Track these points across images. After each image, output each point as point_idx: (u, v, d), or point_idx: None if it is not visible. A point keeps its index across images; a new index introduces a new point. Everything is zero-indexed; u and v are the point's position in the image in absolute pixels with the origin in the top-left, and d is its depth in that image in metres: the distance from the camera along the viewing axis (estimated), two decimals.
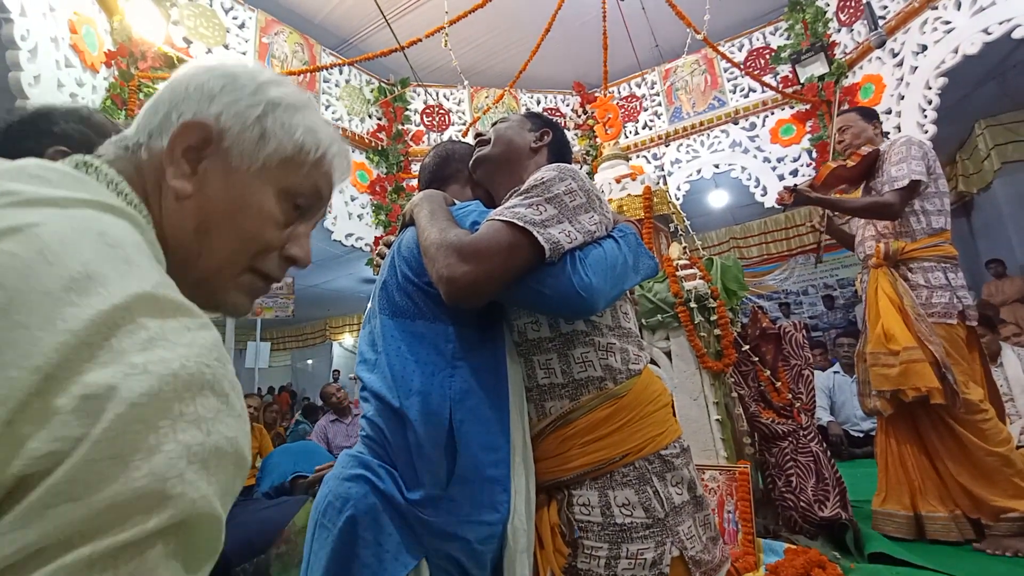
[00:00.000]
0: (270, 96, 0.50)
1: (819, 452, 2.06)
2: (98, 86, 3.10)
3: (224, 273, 0.49)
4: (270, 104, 0.50)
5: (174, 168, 0.46)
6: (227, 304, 0.51)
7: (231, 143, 0.48)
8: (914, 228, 2.12)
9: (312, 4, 4.49)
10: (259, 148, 0.49)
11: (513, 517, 0.79)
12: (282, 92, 0.52)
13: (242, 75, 0.51)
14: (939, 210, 2.11)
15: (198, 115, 0.47)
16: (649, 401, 0.87)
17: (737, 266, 2.17)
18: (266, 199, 0.49)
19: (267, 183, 0.49)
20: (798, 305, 7.99)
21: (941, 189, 2.14)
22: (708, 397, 1.97)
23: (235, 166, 0.48)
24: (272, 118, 0.50)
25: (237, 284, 0.50)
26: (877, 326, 2.11)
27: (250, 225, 0.48)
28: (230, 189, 0.48)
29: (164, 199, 0.46)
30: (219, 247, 0.47)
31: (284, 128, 0.50)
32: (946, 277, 2.07)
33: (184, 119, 0.47)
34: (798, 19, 4.57)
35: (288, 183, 0.51)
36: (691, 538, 0.81)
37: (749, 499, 1.74)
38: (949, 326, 2.02)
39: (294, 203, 0.52)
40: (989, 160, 5.34)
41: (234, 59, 0.54)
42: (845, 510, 1.96)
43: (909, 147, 2.12)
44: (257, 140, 0.49)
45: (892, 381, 2.01)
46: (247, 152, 0.48)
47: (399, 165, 5.00)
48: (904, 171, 2.07)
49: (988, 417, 1.95)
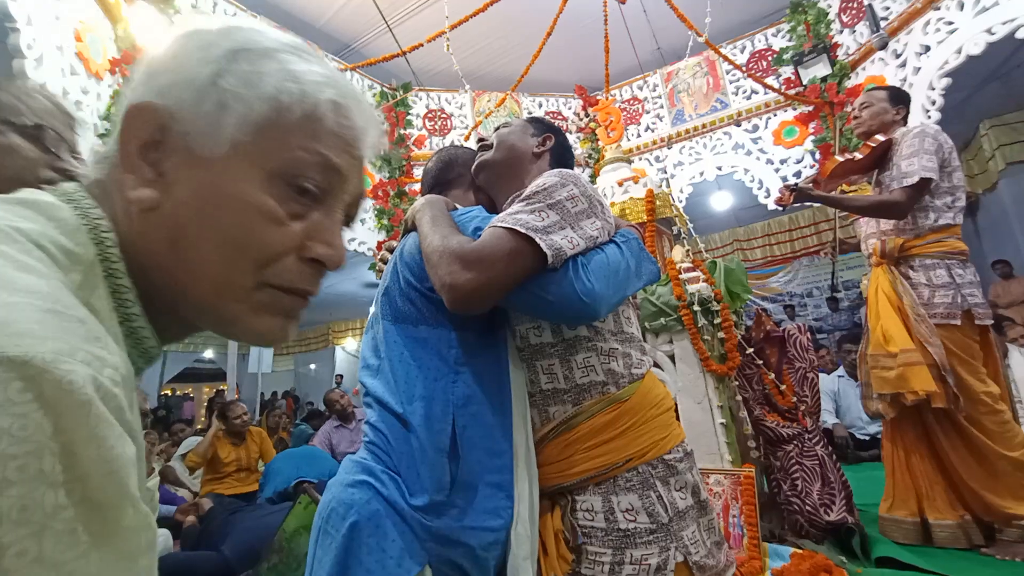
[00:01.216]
0: (225, 46, 0.37)
1: (824, 455, 2.04)
2: (103, 93, 3.13)
3: (226, 294, 0.37)
4: (226, 56, 0.37)
5: (133, 175, 0.36)
6: (251, 331, 0.39)
7: (187, 124, 0.36)
8: (919, 224, 2.00)
9: (314, 9, 4.52)
10: (220, 120, 0.36)
11: (517, 523, 0.79)
12: (244, 37, 0.39)
13: (202, 31, 0.39)
14: (949, 206, 1.98)
15: (143, 96, 0.36)
16: (652, 405, 0.87)
17: (741, 268, 2.16)
18: (249, 189, 0.37)
19: (248, 166, 0.37)
20: (803, 307, 7.97)
21: (955, 183, 1.99)
22: (712, 400, 1.96)
23: (199, 154, 0.36)
24: (230, 75, 0.37)
25: (254, 305, 0.38)
26: (877, 327, 2.05)
27: (235, 228, 0.36)
28: (200, 186, 0.36)
29: (127, 218, 0.37)
30: (204, 263, 0.37)
31: (248, 83, 0.37)
32: (950, 274, 1.95)
33: (127, 103, 0.36)
34: (800, 21, 4.56)
35: (277, 160, 0.37)
36: (695, 543, 0.81)
37: (754, 503, 1.73)
38: (952, 327, 1.92)
39: (297, 186, 0.38)
40: (994, 160, 5.32)
41: None
42: (851, 514, 1.95)
43: (923, 139, 1.97)
44: (216, 110, 0.36)
45: (891, 384, 1.95)
46: (207, 130, 0.36)
47: (401, 169, 5.02)
48: (915, 166, 1.93)
49: (1005, 419, 1.87)
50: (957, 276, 1.95)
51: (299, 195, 0.39)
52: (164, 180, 0.37)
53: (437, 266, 0.79)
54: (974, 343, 1.95)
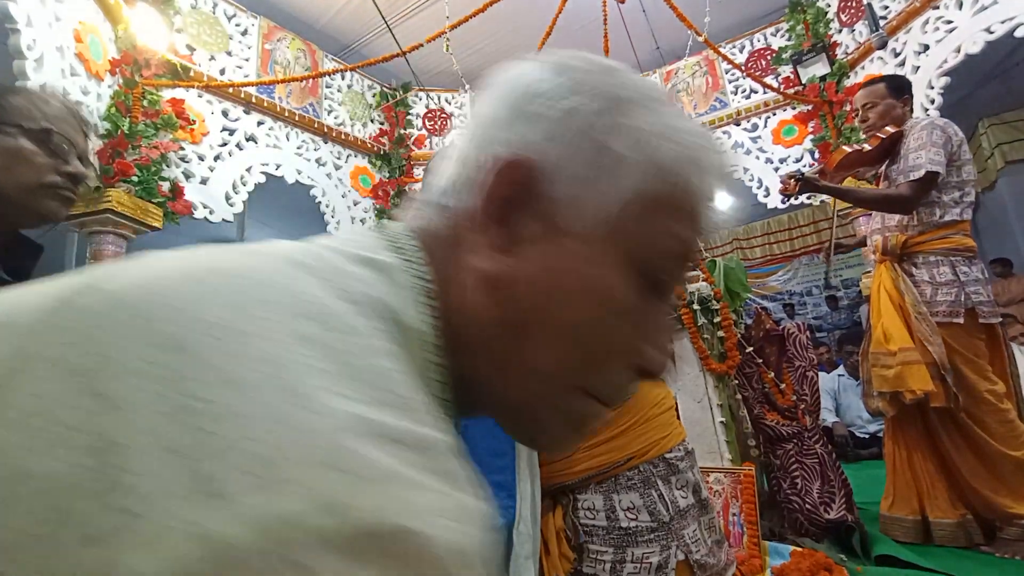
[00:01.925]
0: (611, 93, 0.30)
1: (824, 454, 2.05)
2: (103, 94, 3.13)
3: (545, 396, 0.31)
4: (613, 106, 0.30)
5: (486, 239, 0.30)
6: (548, 441, 0.33)
7: (559, 187, 0.29)
8: (925, 220, 1.94)
9: (314, 10, 4.52)
10: (598, 188, 0.29)
11: (519, 523, 0.79)
12: (629, 82, 0.31)
13: (576, 66, 0.32)
14: (957, 201, 1.91)
15: (510, 143, 0.30)
16: (653, 404, 0.87)
17: (740, 267, 2.17)
18: (612, 276, 0.29)
19: (612, 247, 0.29)
20: (802, 306, 7.97)
21: (964, 178, 1.92)
22: (712, 399, 1.97)
23: (563, 226, 0.29)
24: (620, 133, 0.29)
25: (563, 411, 0.31)
26: (878, 325, 2.03)
27: (587, 323, 0.30)
28: (556, 265, 0.29)
29: (459, 286, 0.30)
30: (537, 355, 0.30)
31: (639, 147, 0.29)
32: (954, 272, 1.89)
33: (497, 154, 0.29)
34: (799, 20, 4.57)
35: (638, 243, 0.30)
36: (696, 541, 0.81)
37: (754, 501, 1.73)
38: (955, 326, 1.87)
39: (655, 278, 0.31)
40: (993, 159, 5.32)
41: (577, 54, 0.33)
42: (851, 512, 1.95)
43: (931, 132, 1.90)
44: (596, 176, 0.29)
45: (890, 383, 1.94)
46: (581, 198, 0.29)
47: (401, 169, 5.02)
48: (921, 160, 1.86)
49: (1010, 418, 1.85)
50: (962, 273, 1.89)
51: (650, 288, 0.31)
52: (517, 251, 0.29)
53: None
54: (979, 341, 1.90)
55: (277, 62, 4.26)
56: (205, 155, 3.70)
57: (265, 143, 4.09)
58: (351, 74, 4.89)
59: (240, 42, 4.08)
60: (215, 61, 3.88)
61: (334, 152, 4.65)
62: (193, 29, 3.79)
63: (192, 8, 3.82)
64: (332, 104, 4.72)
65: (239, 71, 4.01)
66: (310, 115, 4.45)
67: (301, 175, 4.30)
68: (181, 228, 3.72)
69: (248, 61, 4.09)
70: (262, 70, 4.14)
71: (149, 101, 3.34)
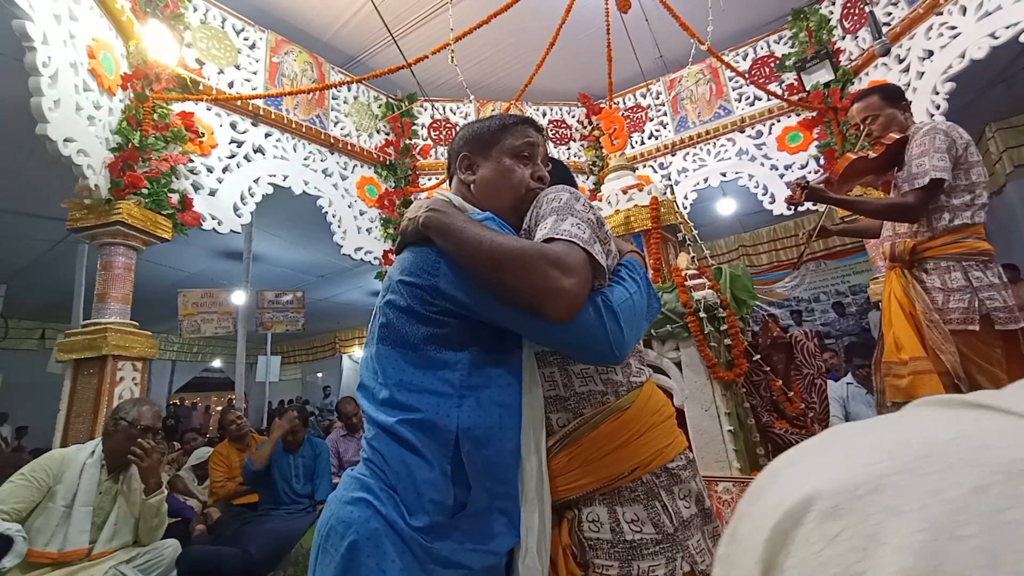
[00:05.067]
0: None
1: None
2: (114, 108, 3.19)
3: None
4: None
5: None
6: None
7: None
8: (934, 226, 1.89)
9: (320, 23, 4.59)
10: None
11: (525, 556, 0.77)
12: None
13: None
14: (968, 204, 1.86)
15: None
16: (654, 412, 0.87)
17: (746, 274, 2.16)
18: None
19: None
20: (810, 313, 7.90)
21: (974, 180, 1.87)
22: (720, 408, 1.95)
23: None
24: None
25: None
26: (889, 334, 1.98)
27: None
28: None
29: None
30: None
31: None
32: (967, 277, 1.82)
33: None
34: (802, 27, 4.58)
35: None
36: (701, 552, 0.81)
37: None
38: (969, 333, 1.79)
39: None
40: (1001, 163, 5.28)
41: None
42: None
43: (933, 138, 1.87)
44: None
45: (902, 392, 1.88)
46: None
47: (407, 179, 5.06)
48: (925, 167, 1.83)
49: None
50: (975, 279, 1.82)
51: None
52: None
53: (528, 270, 0.73)
54: (995, 350, 1.81)
55: (284, 75, 4.32)
56: (214, 167, 3.75)
57: (273, 154, 4.14)
58: (357, 86, 4.94)
59: (248, 55, 4.14)
60: (224, 75, 3.94)
61: (340, 163, 4.69)
62: (202, 43, 3.85)
63: (202, 23, 3.89)
64: (338, 115, 4.77)
65: (247, 84, 4.07)
66: (317, 126, 4.50)
67: (308, 186, 4.34)
68: (190, 239, 3.77)
69: (256, 74, 4.15)
70: (270, 83, 4.20)
71: (159, 115, 3.39)
